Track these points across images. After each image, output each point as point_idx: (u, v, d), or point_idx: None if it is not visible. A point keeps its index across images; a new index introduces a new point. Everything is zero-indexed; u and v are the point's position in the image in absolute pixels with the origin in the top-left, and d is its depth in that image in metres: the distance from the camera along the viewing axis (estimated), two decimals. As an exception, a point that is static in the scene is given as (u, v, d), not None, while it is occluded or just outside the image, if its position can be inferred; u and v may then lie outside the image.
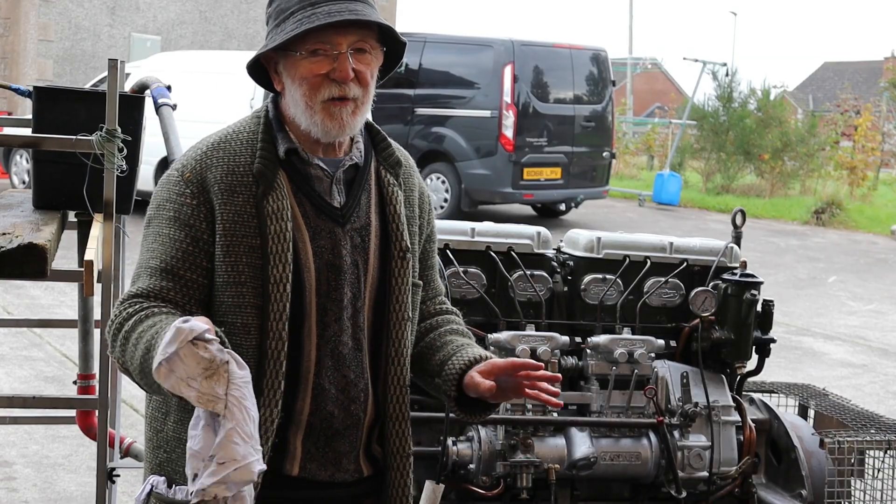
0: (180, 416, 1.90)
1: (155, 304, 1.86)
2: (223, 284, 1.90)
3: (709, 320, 3.31)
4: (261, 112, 2.01)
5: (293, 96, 1.94)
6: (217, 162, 1.93)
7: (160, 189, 1.95)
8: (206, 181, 1.91)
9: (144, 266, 1.92)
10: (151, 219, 1.95)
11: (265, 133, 1.96)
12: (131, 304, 1.88)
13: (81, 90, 3.65)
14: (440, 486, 2.69)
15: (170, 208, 1.92)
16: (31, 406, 3.80)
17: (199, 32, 20.56)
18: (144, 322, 1.83)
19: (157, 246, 1.91)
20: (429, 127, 14.19)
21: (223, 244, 1.89)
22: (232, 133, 1.98)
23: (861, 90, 30.66)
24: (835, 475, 3.21)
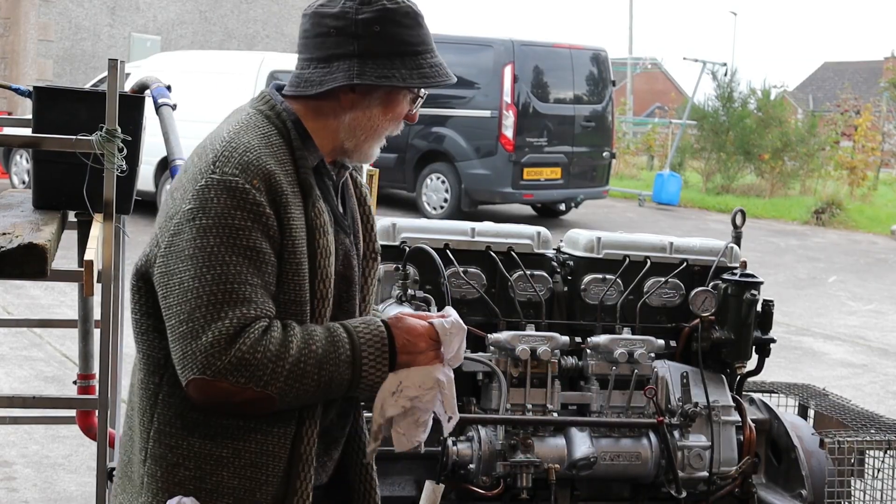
0: (212, 431, 1.83)
1: (281, 323, 1.78)
2: (289, 303, 1.82)
3: (709, 320, 3.31)
4: (266, 111, 1.90)
5: (372, 123, 1.91)
6: (275, 168, 1.81)
7: (216, 195, 1.76)
8: (273, 189, 1.79)
9: (240, 283, 1.74)
10: (211, 228, 1.75)
11: (298, 140, 1.88)
12: (265, 328, 1.75)
13: (81, 90, 3.65)
14: (440, 486, 2.68)
15: (245, 217, 1.75)
16: (31, 406, 3.79)
17: (199, 32, 20.56)
18: (311, 344, 1.77)
19: (242, 260, 1.75)
20: (429, 127, 14.19)
21: (291, 261, 1.81)
22: (263, 136, 1.86)
23: (861, 90, 30.65)
24: (835, 475, 3.21)
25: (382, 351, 1.83)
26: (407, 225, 3.26)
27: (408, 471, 3.11)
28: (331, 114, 1.91)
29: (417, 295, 3.05)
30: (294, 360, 1.76)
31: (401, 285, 3.04)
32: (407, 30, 1.89)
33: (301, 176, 1.85)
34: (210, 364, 1.72)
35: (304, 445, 1.87)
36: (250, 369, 1.73)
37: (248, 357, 1.72)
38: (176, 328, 1.76)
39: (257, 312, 1.75)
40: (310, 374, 1.77)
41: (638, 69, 30.41)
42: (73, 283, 4.49)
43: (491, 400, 3.14)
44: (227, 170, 1.78)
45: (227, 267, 1.74)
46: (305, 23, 1.91)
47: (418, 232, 3.25)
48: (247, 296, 1.74)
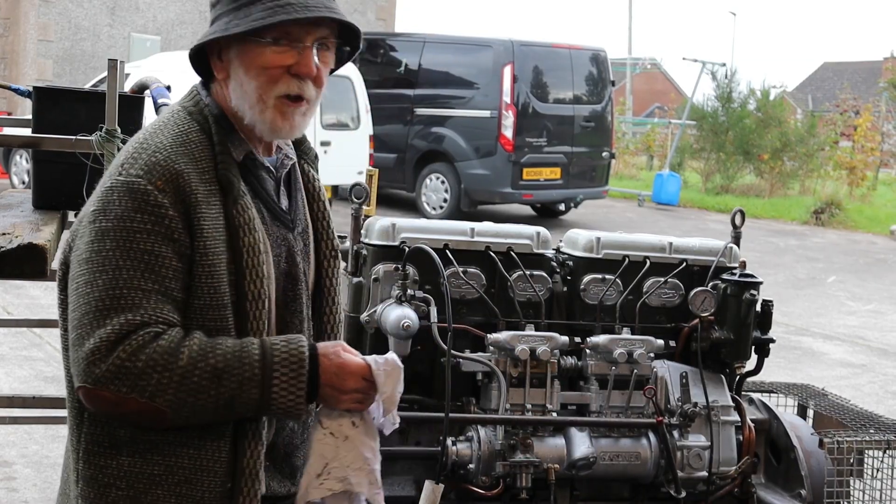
0: (140, 447, 1.74)
1: (177, 331, 1.69)
2: (204, 307, 1.73)
3: (708, 320, 3.32)
4: (190, 107, 1.83)
5: (243, 87, 1.79)
6: (185, 167, 1.73)
7: (118, 198, 1.69)
8: (181, 189, 1.71)
9: (129, 288, 1.66)
10: (109, 231, 1.68)
11: (219, 134, 1.80)
12: (152, 336, 1.66)
13: (81, 90, 3.66)
14: (440, 486, 2.69)
15: (144, 220, 1.68)
16: (31, 406, 3.80)
17: (198, 32, 20.54)
18: (207, 356, 1.67)
19: (137, 264, 1.67)
20: (428, 127, 14.20)
21: (204, 263, 1.72)
22: (180, 133, 1.78)
23: (860, 90, 30.67)
24: (834, 475, 3.21)
25: (298, 374, 1.71)
26: (406, 225, 3.26)
27: (407, 471, 3.11)
28: (229, 94, 1.82)
29: (417, 295, 3.05)
30: (184, 371, 1.66)
31: (400, 285, 3.04)
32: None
33: (220, 173, 1.76)
34: (90, 372, 1.65)
35: (247, 459, 1.77)
36: (131, 378, 1.64)
37: (127, 365, 1.64)
38: (70, 334, 1.71)
39: (144, 319, 1.66)
40: (205, 389, 1.67)
41: (637, 69, 30.43)
42: (73, 283, 4.49)
43: (490, 400, 3.14)
44: (133, 171, 1.71)
45: (119, 272, 1.66)
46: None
47: (418, 232, 3.25)
48: (135, 302, 1.66)
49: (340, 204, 12.90)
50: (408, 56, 14.67)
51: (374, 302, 3.14)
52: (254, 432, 1.78)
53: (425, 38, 14.78)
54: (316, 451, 1.78)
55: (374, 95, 13.46)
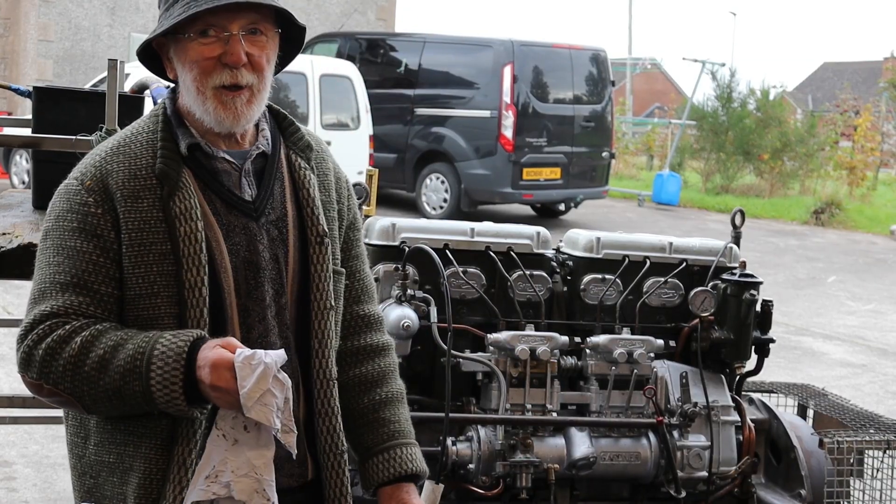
0: (100, 437, 1.84)
1: (85, 322, 1.76)
2: (136, 297, 1.79)
3: (708, 320, 3.32)
4: (158, 110, 1.92)
5: (185, 83, 1.85)
6: (117, 167, 1.82)
7: (58, 200, 1.84)
8: (108, 188, 1.80)
9: (50, 282, 1.78)
10: (49, 231, 1.82)
11: (164, 131, 1.86)
12: (56, 325, 1.75)
13: (81, 90, 3.66)
14: (440, 486, 2.69)
15: (72, 219, 1.80)
16: (31, 406, 3.80)
17: (198, 32, 20.56)
18: (98, 344, 1.73)
19: (62, 259, 1.78)
20: (428, 127, 14.20)
21: (132, 254, 1.79)
22: (130, 135, 1.88)
23: (860, 90, 30.67)
24: (834, 475, 3.21)
25: (173, 369, 1.70)
26: (406, 225, 3.26)
27: (407, 471, 3.11)
28: (179, 90, 1.90)
29: (417, 295, 3.05)
30: (75, 360, 1.73)
31: (400, 285, 3.05)
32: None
33: (157, 167, 1.82)
34: (18, 359, 1.79)
35: (180, 448, 1.79)
36: (35, 364, 1.76)
37: (32, 352, 1.76)
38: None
39: (53, 310, 1.77)
40: (93, 379, 1.73)
41: (637, 69, 30.40)
42: (73, 283, 4.49)
43: (490, 400, 3.14)
44: (73, 174, 1.86)
45: (48, 268, 1.80)
46: None
47: (418, 232, 3.25)
48: (50, 295, 1.78)
49: (340, 204, 12.90)
50: (408, 56, 14.67)
51: (374, 302, 3.14)
52: (187, 421, 1.79)
53: (425, 38, 14.78)
54: (207, 452, 1.74)
55: (374, 95, 13.46)
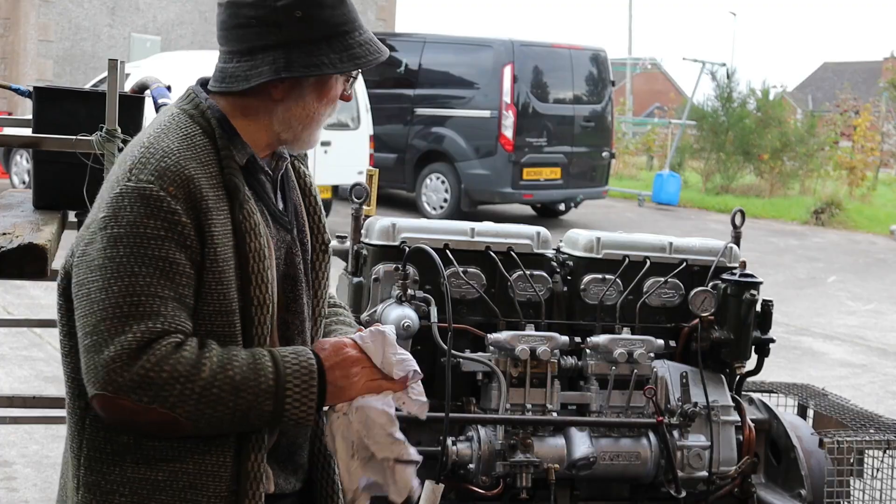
0: (144, 454, 1.74)
1: (195, 340, 1.70)
2: (213, 314, 1.72)
3: (708, 320, 3.32)
4: (190, 110, 1.80)
5: (306, 111, 1.81)
6: (195, 173, 1.71)
7: (130, 203, 1.67)
8: (192, 195, 1.69)
9: (147, 294, 1.65)
10: (122, 238, 1.66)
11: (223, 139, 1.78)
12: (173, 345, 1.65)
13: (81, 90, 3.66)
14: (440, 486, 2.69)
15: (157, 226, 1.67)
16: (31, 406, 3.80)
17: (199, 32, 20.56)
18: (227, 367, 1.68)
19: (152, 271, 1.66)
20: (428, 127, 14.20)
21: (214, 269, 1.71)
22: (185, 138, 1.75)
23: (860, 90, 30.65)
24: (834, 475, 3.22)
25: (310, 386, 1.73)
26: (407, 225, 3.26)
27: (407, 470, 3.11)
28: (261, 108, 1.80)
29: (417, 295, 3.06)
30: (206, 383, 1.66)
31: (400, 285, 3.05)
32: (330, 10, 1.78)
33: (226, 177, 1.75)
34: (111, 380, 1.63)
35: (252, 462, 1.78)
36: (154, 388, 1.64)
37: (152, 375, 1.63)
38: (82, 340, 1.68)
39: (165, 327, 1.65)
40: (224, 401, 1.68)
41: (637, 69, 30.41)
42: (73, 283, 4.48)
43: (490, 400, 3.14)
44: (143, 177, 1.68)
45: (136, 278, 1.65)
46: (222, 13, 1.79)
47: (418, 232, 3.25)
48: (154, 309, 1.65)
49: (340, 204, 12.91)
50: (408, 56, 14.67)
51: (374, 302, 3.14)
52: (257, 436, 1.79)
53: (425, 38, 14.78)
54: (338, 438, 1.81)
55: (374, 95, 13.45)
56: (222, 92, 1.80)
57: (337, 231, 3.63)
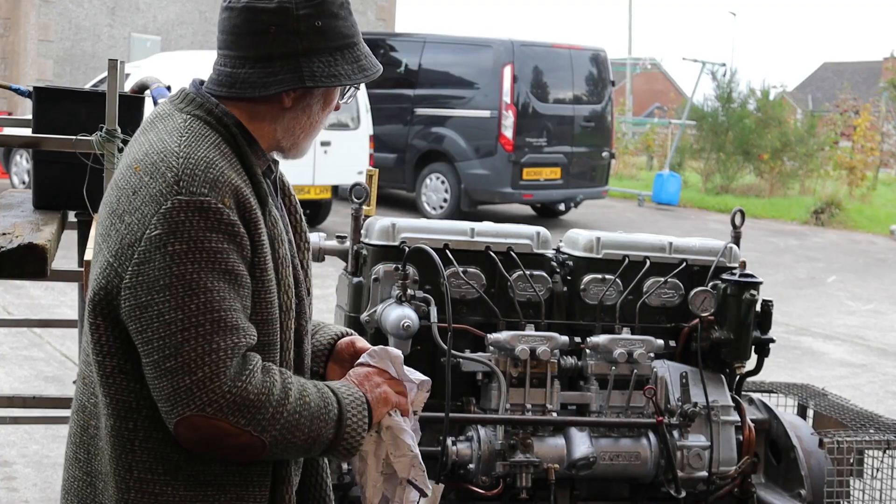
0: (192, 473, 1.73)
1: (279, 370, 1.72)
2: (261, 323, 1.72)
3: (708, 320, 3.32)
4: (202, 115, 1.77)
5: (310, 120, 1.82)
6: (237, 182, 1.69)
7: (190, 218, 1.63)
8: (242, 205, 1.68)
9: (229, 308, 1.64)
10: (186, 254, 1.62)
11: (247, 146, 1.77)
12: (260, 366, 1.67)
13: (81, 90, 3.66)
14: (440, 486, 2.69)
15: (220, 239, 1.64)
16: (31, 406, 3.80)
17: (199, 33, 20.56)
18: (307, 394, 1.72)
19: (224, 286, 1.64)
20: (428, 127, 14.20)
21: (263, 279, 1.71)
22: (213, 145, 1.73)
23: (860, 90, 30.66)
24: (834, 475, 3.22)
25: (364, 415, 1.80)
26: (406, 225, 3.26)
27: (407, 470, 3.11)
28: (268, 114, 1.80)
29: (417, 295, 3.06)
30: (293, 408, 1.68)
31: (400, 285, 3.05)
32: (342, 21, 1.78)
33: (256, 186, 1.75)
34: (212, 401, 1.61)
35: (287, 467, 1.82)
36: (252, 411, 1.63)
37: (251, 398, 1.63)
38: (161, 364, 1.62)
39: (247, 341, 1.66)
40: (302, 428, 1.70)
41: (637, 69, 30.43)
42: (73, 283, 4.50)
43: (490, 400, 3.15)
44: (195, 189, 1.64)
45: (211, 293, 1.62)
46: (234, 17, 1.75)
47: (418, 232, 3.25)
48: (235, 323, 1.64)
49: (340, 204, 12.91)
50: (408, 56, 14.67)
51: (374, 302, 3.14)
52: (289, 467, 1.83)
53: (425, 38, 14.78)
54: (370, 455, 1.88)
55: (374, 95, 13.45)
56: (232, 97, 1.78)
57: (337, 231, 3.63)
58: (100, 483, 1.76)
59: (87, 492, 1.79)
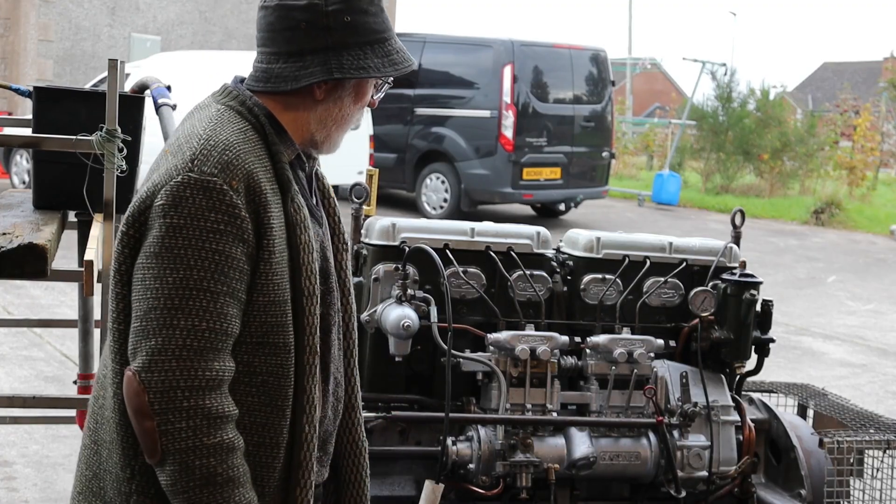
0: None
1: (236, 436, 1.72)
2: (268, 304, 1.76)
3: (708, 320, 3.32)
4: (236, 106, 1.85)
5: (342, 113, 1.89)
6: (253, 167, 1.76)
7: (191, 194, 1.69)
8: (252, 189, 1.74)
9: (202, 289, 1.69)
10: (181, 228, 1.69)
11: (273, 135, 1.84)
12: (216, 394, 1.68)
13: (82, 90, 3.66)
14: (440, 486, 2.69)
15: (217, 220, 1.70)
16: (31, 406, 3.79)
17: (199, 33, 20.56)
18: (239, 469, 1.72)
19: (208, 265, 1.69)
20: (428, 127, 14.20)
21: (271, 260, 1.76)
22: (239, 131, 1.80)
23: (860, 90, 30.66)
24: (834, 475, 3.22)
25: None
26: (406, 225, 3.26)
27: (407, 470, 3.11)
28: (301, 107, 1.87)
29: (417, 295, 3.06)
30: (212, 463, 1.68)
31: (400, 285, 3.05)
32: (373, 17, 1.85)
33: (278, 172, 1.81)
34: (146, 369, 1.66)
35: (304, 451, 1.83)
36: (172, 405, 1.66)
37: (175, 394, 1.66)
38: (133, 321, 1.71)
39: (212, 325, 1.69)
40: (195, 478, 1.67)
41: (637, 69, 30.44)
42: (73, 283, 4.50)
43: (490, 400, 3.15)
44: (206, 169, 1.71)
45: (191, 272, 1.68)
46: (269, 15, 1.84)
47: (418, 232, 3.25)
48: (203, 305, 1.68)
49: (341, 204, 12.79)
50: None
51: (374, 302, 3.14)
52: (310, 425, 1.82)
53: (425, 38, 14.77)
54: None
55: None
56: (267, 91, 1.85)
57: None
58: (104, 451, 1.82)
59: (94, 459, 1.85)
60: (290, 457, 1.82)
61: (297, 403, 1.81)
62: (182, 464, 1.67)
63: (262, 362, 1.77)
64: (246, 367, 1.76)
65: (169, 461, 1.67)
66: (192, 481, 1.67)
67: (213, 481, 1.68)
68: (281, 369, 1.78)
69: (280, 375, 1.78)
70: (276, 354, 1.78)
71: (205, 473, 1.67)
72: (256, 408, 1.77)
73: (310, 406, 1.82)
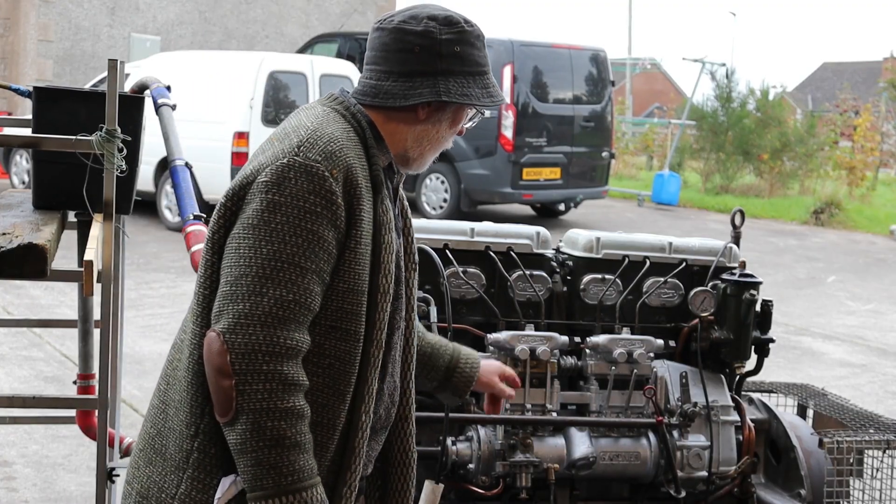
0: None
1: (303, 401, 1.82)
2: (346, 291, 1.88)
3: (708, 320, 3.32)
4: (341, 110, 1.98)
5: (439, 135, 2.02)
6: (353, 162, 1.90)
7: (295, 176, 1.83)
8: (350, 181, 1.87)
9: (293, 264, 1.81)
10: (281, 206, 1.82)
11: (372, 139, 1.97)
12: (293, 363, 1.79)
13: (81, 90, 3.66)
14: (439, 486, 2.69)
15: (315, 202, 1.83)
16: (31, 406, 3.79)
17: (198, 33, 20.57)
18: (305, 436, 1.81)
19: (301, 241, 1.82)
20: (428, 127, 14.20)
21: (356, 251, 1.88)
22: (342, 133, 1.93)
23: (860, 90, 30.68)
24: (834, 475, 3.22)
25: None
26: (406, 225, 3.26)
27: (407, 470, 3.11)
28: (402, 123, 1.99)
29: (417, 295, 3.05)
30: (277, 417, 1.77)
31: (400, 285, 3.04)
32: (478, 51, 2.04)
33: (374, 172, 1.93)
34: (232, 331, 1.77)
35: (358, 438, 1.91)
36: (251, 371, 1.77)
37: (256, 357, 1.76)
38: (222, 286, 1.82)
39: (297, 298, 1.80)
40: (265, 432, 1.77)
41: (637, 69, 30.44)
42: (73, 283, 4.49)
43: (490, 400, 3.14)
44: (311, 155, 1.85)
45: (284, 246, 1.80)
46: (384, 36, 1.97)
47: (418, 232, 3.24)
48: (291, 278, 1.80)
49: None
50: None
51: (374, 302, 3.14)
52: (366, 413, 1.92)
53: (425, 38, 14.77)
54: None
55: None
56: (375, 105, 1.99)
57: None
58: (171, 410, 1.92)
59: (160, 417, 1.95)
60: (345, 441, 1.91)
61: (358, 391, 1.90)
62: (255, 423, 1.76)
63: (331, 346, 1.86)
64: (317, 348, 1.85)
65: (241, 420, 1.76)
66: (262, 441, 1.76)
67: (281, 443, 1.76)
68: (348, 356, 1.88)
69: (346, 361, 1.88)
70: (345, 340, 1.88)
71: (275, 435, 1.76)
72: (320, 388, 1.86)
73: (369, 396, 1.91)
